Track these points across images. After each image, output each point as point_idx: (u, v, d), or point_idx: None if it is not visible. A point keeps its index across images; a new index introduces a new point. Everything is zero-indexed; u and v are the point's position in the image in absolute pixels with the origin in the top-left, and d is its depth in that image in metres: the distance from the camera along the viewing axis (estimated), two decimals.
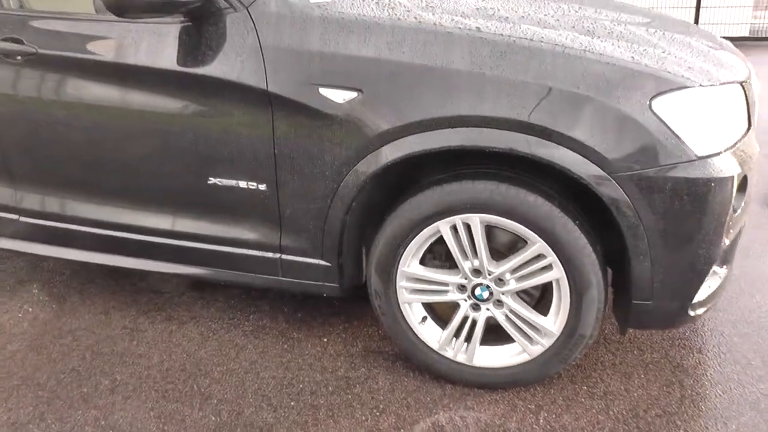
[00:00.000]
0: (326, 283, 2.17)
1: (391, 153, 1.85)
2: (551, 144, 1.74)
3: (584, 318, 1.91)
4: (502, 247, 2.02)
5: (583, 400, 2.04)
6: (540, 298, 2.06)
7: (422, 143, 1.82)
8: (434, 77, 1.79)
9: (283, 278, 2.20)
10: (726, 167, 1.75)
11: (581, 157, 1.73)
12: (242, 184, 2.08)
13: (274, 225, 2.12)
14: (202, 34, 2.00)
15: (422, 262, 2.05)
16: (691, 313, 1.94)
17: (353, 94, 1.85)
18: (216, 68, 1.96)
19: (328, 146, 1.92)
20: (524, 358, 2.03)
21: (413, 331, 2.11)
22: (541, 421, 1.95)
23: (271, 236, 2.15)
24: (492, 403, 2.04)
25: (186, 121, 2.07)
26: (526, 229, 1.84)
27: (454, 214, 1.89)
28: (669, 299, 1.88)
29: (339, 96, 1.86)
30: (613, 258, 1.94)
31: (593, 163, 1.73)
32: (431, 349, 2.11)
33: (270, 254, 2.17)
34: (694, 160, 1.72)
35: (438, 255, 2.08)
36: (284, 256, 2.16)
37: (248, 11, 1.95)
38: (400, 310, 2.08)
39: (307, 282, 2.19)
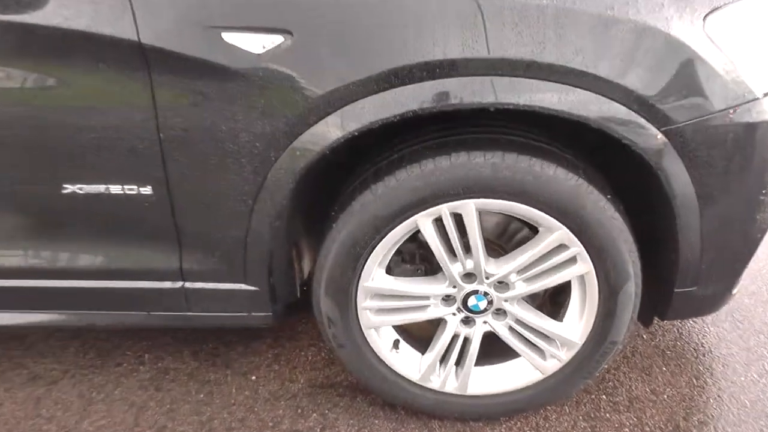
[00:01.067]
0: (253, 313, 1.53)
1: (342, 123, 1.24)
2: (578, 90, 1.21)
3: (618, 320, 1.44)
4: (497, 240, 1.50)
5: (608, 415, 1.60)
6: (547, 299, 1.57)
7: (390, 106, 1.21)
8: (404, 5, 1.19)
9: (191, 313, 1.54)
10: None
11: (620, 107, 1.22)
12: (114, 189, 1.37)
13: (170, 243, 1.44)
14: None
15: (389, 270, 1.48)
16: (734, 292, 1.54)
17: (278, 39, 1.19)
18: (53, 13, 1.22)
19: (242, 121, 1.26)
20: (535, 377, 1.54)
21: (384, 363, 1.54)
22: None
23: (165, 259, 1.46)
24: None
25: (17, 103, 1.31)
26: (543, 214, 1.32)
27: (440, 202, 1.31)
28: (716, 281, 1.46)
29: (256, 43, 1.20)
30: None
31: (636, 112, 1.23)
32: (410, 381, 1.56)
33: (168, 283, 1.49)
34: (759, 99, 1.27)
35: (410, 258, 1.52)
36: (188, 284, 1.49)
37: None
38: (365, 338, 1.51)
39: (226, 315, 1.54)
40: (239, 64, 1.21)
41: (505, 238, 1.52)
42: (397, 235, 1.36)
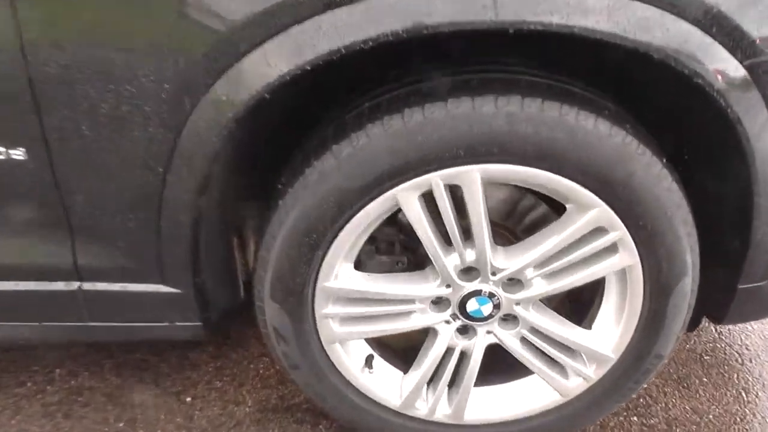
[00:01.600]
0: (177, 323, 1.13)
1: (286, 53, 0.84)
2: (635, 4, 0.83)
3: (667, 327, 1.07)
4: (504, 222, 1.13)
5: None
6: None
7: (357, 27, 0.82)
8: None
9: (94, 323, 1.14)
10: None
11: (697, 31, 0.84)
12: None
13: (57, 230, 1.02)
14: None
15: (359, 265, 1.09)
16: None
17: None
18: None
19: (142, 52, 0.85)
20: (553, 400, 1.18)
21: (353, 387, 1.16)
22: None
23: (54, 252, 1.05)
24: None
25: None
26: (575, 186, 0.94)
27: (431, 170, 0.92)
28: None
29: None
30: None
31: (719, 42, 0.85)
32: (388, 409, 1.19)
33: (60, 284, 1.08)
34: None
35: (387, 248, 1.13)
36: (87, 285, 1.08)
37: None
38: (327, 356, 1.13)
39: (140, 325, 1.15)
40: None
41: (514, 219, 1.14)
42: (370, 215, 0.97)
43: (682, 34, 0.84)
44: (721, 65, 0.86)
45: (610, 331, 1.10)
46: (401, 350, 1.22)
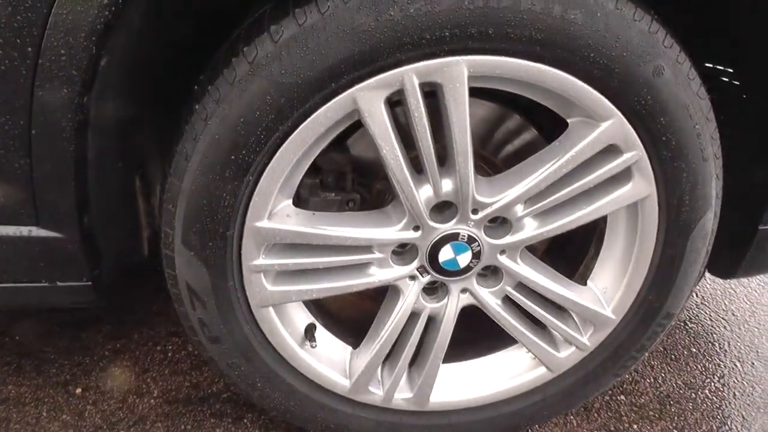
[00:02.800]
0: (59, 283, 0.84)
1: None
2: None
3: (683, 278, 0.88)
4: (483, 150, 0.90)
5: (635, 426, 1.05)
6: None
7: None
8: None
9: None
10: None
11: None
12: None
13: None
14: None
15: (298, 202, 0.84)
16: None
17: None
18: None
19: None
20: (539, 377, 0.96)
21: (290, 366, 0.90)
22: None
23: None
24: None
25: None
26: (586, 87, 0.72)
27: (403, 62, 0.68)
28: None
29: None
30: None
31: None
32: (334, 394, 0.93)
33: None
34: None
35: (334, 180, 0.88)
36: None
37: None
38: (256, 323, 0.86)
39: (6, 286, 0.84)
40: None
41: (492, 146, 0.91)
42: (317, 128, 0.72)
43: None
44: None
45: (612, 286, 0.90)
46: (350, 319, 0.97)
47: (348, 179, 0.87)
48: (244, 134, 0.70)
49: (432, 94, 0.73)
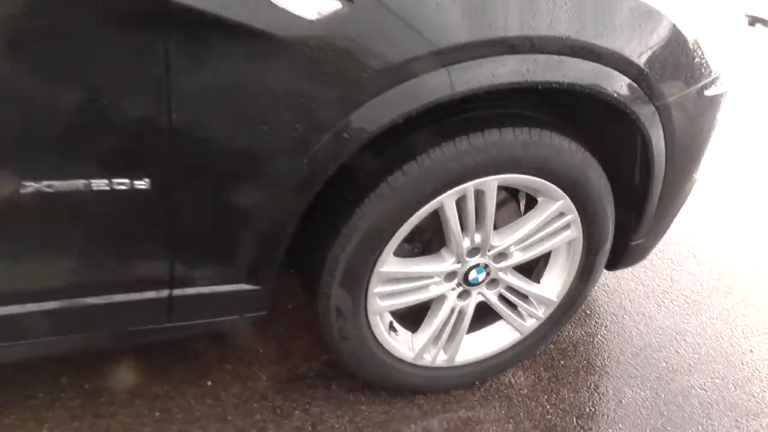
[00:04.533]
0: (246, 314, 1.35)
1: (406, 99, 1.13)
2: (613, 72, 1.27)
3: (593, 277, 1.59)
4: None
5: (562, 362, 1.76)
6: None
7: (465, 83, 1.14)
8: None
9: (169, 325, 1.30)
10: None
11: (634, 86, 1.32)
12: (99, 184, 1.06)
13: (160, 246, 1.18)
14: None
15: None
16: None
17: (335, 5, 1.04)
18: None
19: (281, 100, 1.07)
20: (515, 337, 1.63)
21: (383, 348, 1.49)
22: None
23: (153, 266, 1.20)
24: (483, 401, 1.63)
25: None
26: (551, 186, 1.38)
27: (469, 180, 1.30)
28: (655, 233, 1.68)
29: (311, 8, 1.02)
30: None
31: (643, 90, 1.34)
32: (405, 362, 1.53)
33: (150, 293, 1.22)
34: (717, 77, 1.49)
35: (408, 237, 1.46)
36: (177, 292, 1.24)
37: None
38: (369, 326, 1.43)
39: (213, 321, 1.33)
40: (289, 31, 1.02)
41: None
42: (420, 216, 1.31)
43: (622, 86, 1.31)
44: (641, 102, 1.35)
45: (555, 283, 1.58)
46: (403, 314, 1.57)
47: (415, 236, 1.46)
48: (386, 226, 1.27)
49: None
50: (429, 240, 1.49)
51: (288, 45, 1.03)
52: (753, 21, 3.87)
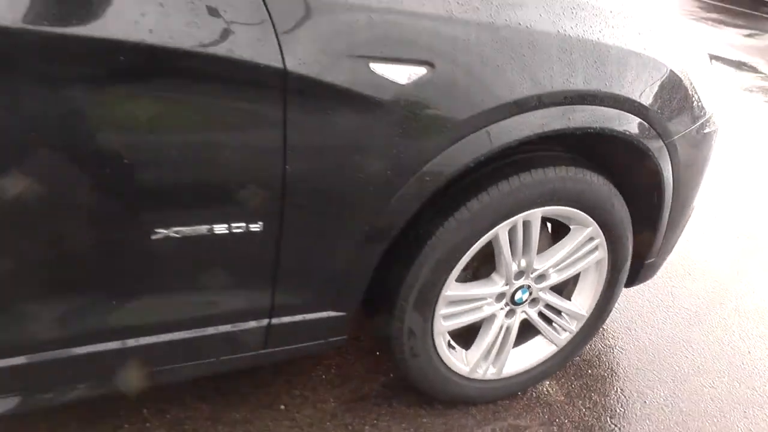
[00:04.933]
0: (330, 339, 1.52)
1: (474, 147, 1.34)
2: (630, 116, 1.52)
3: (616, 292, 1.81)
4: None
5: (591, 371, 1.98)
6: None
7: (517, 130, 1.37)
8: (539, 42, 1.35)
9: (264, 351, 1.46)
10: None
11: (647, 126, 1.57)
12: (220, 228, 1.24)
13: (264, 280, 1.36)
14: None
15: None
16: None
17: (422, 71, 1.25)
18: (171, 30, 1.07)
19: (376, 150, 1.28)
20: (551, 350, 1.83)
21: (445, 364, 1.67)
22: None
23: (255, 298, 1.37)
24: (527, 409, 1.82)
25: (109, 133, 1.10)
26: (583, 214, 1.61)
27: (518, 213, 1.51)
28: (664, 253, 1.93)
29: (402, 73, 1.24)
30: None
31: (655, 129, 1.59)
32: (461, 376, 1.72)
33: (251, 324, 1.40)
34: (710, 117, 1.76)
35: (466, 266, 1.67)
36: (275, 320, 1.42)
37: None
38: (434, 344, 1.62)
39: (303, 345, 1.50)
40: (385, 95, 1.23)
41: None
42: (479, 246, 1.52)
43: (636, 128, 1.55)
44: (655, 140, 1.60)
45: (585, 300, 1.80)
46: (454, 333, 1.76)
47: (473, 263, 1.66)
48: (453, 255, 1.47)
49: None
50: (477, 267, 1.70)
51: (383, 105, 1.24)
52: (710, 59, 4.25)
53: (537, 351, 1.83)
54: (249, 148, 1.20)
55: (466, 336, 1.73)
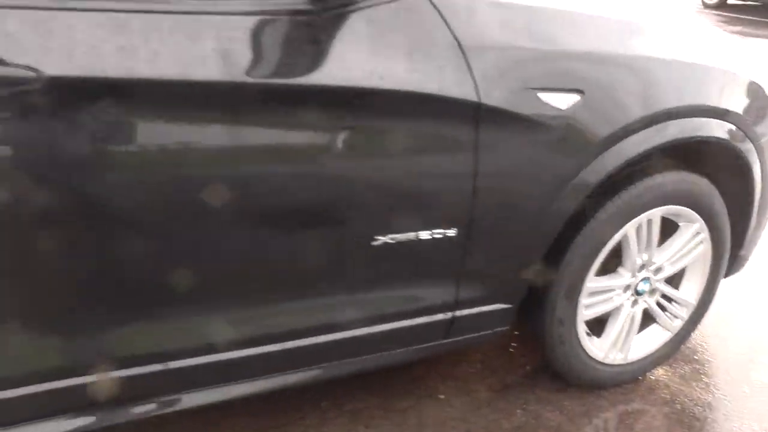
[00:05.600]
0: (496, 329, 1.79)
1: (614, 158, 1.65)
2: (726, 124, 1.83)
3: (717, 281, 2.09)
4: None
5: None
6: None
7: (646, 142, 1.67)
8: (659, 67, 1.68)
9: (445, 341, 1.73)
10: None
11: (739, 131, 1.87)
12: (424, 234, 1.54)
13: (451, 278, 1.64)
14: (354, 29, 1.36)
15: None
16: None
17: (575, 98, 1.57)
18: (396, 77, 1.38)
19: (543, 164, 1.59)
20: (666, 336, 2.09)
21: (584, 350, 1.94)
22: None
23: (444, 294, 1.65)
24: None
25: (341, 161, 1.41)
26: (692, 212, 1.90)
27: (644, 212, 1.80)
28: (753, 245, 2.21)
29: (562, 101, 1.55)
30: None
31: (745, 133, 1.89)
32: (597, 361, 1.98)
33: (439, 316, 1.67)
34: None
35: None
36: (458, 313, 1.69)
37: None
38: (577, 332, 1.89)
39: (475, 335, 1.77)
40: (550, 119, 1.54)
41: None
42: (614, 242, 1.80)
43: (733, 134, 1.86)
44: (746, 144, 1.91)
45: (693, 289, 2.07)
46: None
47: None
48: (598, 248, 1.76)
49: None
50: (605, 262, 1.98)
51: (549, 127, 1.55)
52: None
53: (654, 338, 2.09)
54: (450, 167, 1.51)
55: (590, 326, 2.00)
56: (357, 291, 1.57)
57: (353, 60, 1.35)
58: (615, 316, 1.98)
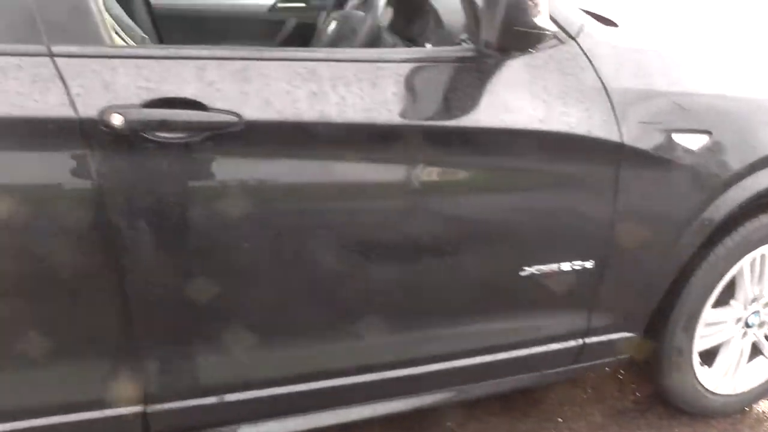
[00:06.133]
0: (620, 356, 1.88)
1: (738, 195, 1.75)
2: None
3: None
4: None
5: None
6: None
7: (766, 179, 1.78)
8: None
9: (573, 366, 1.83)
10: None
11: None
12: (565, 266, 1.65)
13: (584, 307, 1.75)
14: (517, 74, 1.51)
15: None
16: None
17: (705, 138, 1.68)
18: (553, 119, 1.52)
19: (674, 201, 1.70)
20: None
21: (698, 380, 2.02)
22: None
23: (576, 321, 1.76)
24: None
25: (503, 197, 1.56)
26: None
27: (758, 247, 1.90)
28: None
29: (693, 141, 1.67)
30: None
31: None
32: (708, 390, 2.05)
33: (571, 343, 1.77)
34: None
35: None
36: (587, 340, 1.79)
37: (578, 43, 1.57)
38: (692, 361, 1.97)
39: (600, 362, 1.87)
40: (682, 159, 1.66)
41: None
42: (731, 275, 1.90)
43: None
44: None
45: None
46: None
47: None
48: (715, 281, 1.85)
49: None
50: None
51: (682, 166, 1.67)
52: None
53: (761, 370, 2.16)
54: (593, 203, 1.63)
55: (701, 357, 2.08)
56: (503, 318, 1.69)
57: (517, 104, 1.49)
58: (726, 347, 2.06)
